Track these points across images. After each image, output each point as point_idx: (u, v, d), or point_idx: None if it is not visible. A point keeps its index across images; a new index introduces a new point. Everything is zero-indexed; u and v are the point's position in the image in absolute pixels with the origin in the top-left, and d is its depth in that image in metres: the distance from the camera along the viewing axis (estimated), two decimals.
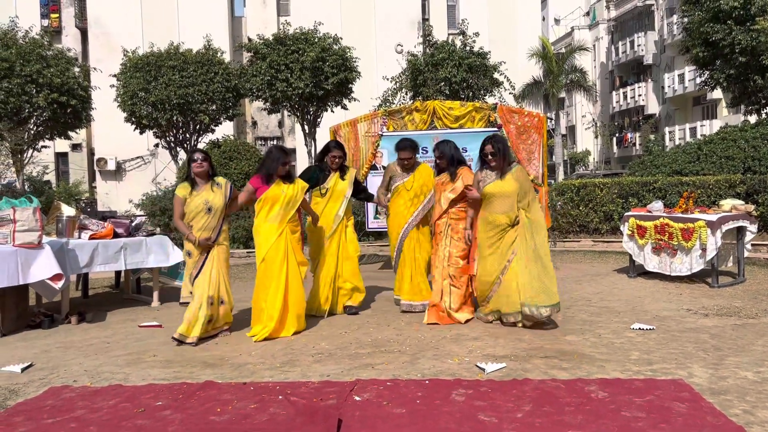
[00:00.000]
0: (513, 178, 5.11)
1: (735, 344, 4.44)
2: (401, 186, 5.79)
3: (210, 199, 5.07)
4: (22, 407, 3.48)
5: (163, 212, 12.63)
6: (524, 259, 4.97)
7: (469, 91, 15.68)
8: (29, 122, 14.81)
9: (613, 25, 36.88)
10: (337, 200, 5.75)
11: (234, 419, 3.19)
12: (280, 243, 5.03)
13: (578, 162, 35.95)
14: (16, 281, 5.29)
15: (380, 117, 9.12)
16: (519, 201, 5.07)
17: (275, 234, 5.03)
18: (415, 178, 5.76)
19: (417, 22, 27.20)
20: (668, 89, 31.29)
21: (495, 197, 5.11)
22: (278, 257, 5.01)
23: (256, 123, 28.48)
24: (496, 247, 5.12)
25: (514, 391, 3.51)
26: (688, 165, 12.97)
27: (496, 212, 5.10)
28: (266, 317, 4.99)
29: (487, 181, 5.18)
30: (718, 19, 14.27)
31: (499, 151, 5.12)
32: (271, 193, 5.05)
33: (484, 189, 5.17)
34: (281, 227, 5.05)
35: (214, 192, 5.12)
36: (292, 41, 15.13)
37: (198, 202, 5.05)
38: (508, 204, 5.07)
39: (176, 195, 5.12)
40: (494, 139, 5.24)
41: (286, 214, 5.07)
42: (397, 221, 5.83)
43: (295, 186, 5.17)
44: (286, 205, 5.06)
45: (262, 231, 5.08)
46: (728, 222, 6.96)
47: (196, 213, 5.05)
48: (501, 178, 5.12)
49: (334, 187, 5.77)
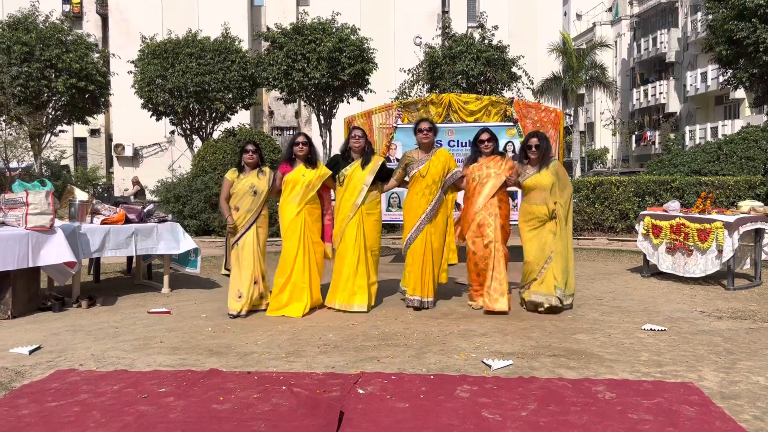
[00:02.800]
0: (551, 172, 5.45)
1: (748, 348, 4.35)
2: (417, 173, 5.63)
3: (256, 183, 5.57)
4: (27, 389, 3.49)
5: (177, 199, 12.68)
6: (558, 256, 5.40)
7: (487, 84, 15.56)
8: (48, 107, 14.96)
9: (636, 21, 36.36)
10: (355, 189, 5.59)
11: (236, 408, 3.18)
12: (297, 221, 5.50)
13: (596, 159, 35.62)
14: (26, 264, 5.33)
15: (395, 109, 9.07)
16: (557, 193, 5.44)
17: (294, 213, 5.51)
18: (432, 164, 5.61)
19: (436, 15, 27.04)
20: (690, 88, 30.81)
21: (533, 190, 5.48)
22: (294, 235, 5.48)
23: (273, 113, 28.55)
24: (537, 232, 5.49)
25: (519, 389, 3.46)
26: (707, 165, 12.78)
27: (534, 203, 5.47)
28: (274, 291, 5.50)
29: (526, 174, 5.53)
30: (742, 16, 13.99)
31: (542, 146, 5.47)
32: (292, 176, 5.57)
33: (524, 182, 5.55)
34: (299, 207, 5.51)
35: (260, 178, 5.61)
36: (309, 31, 15.10)
37: (245, 185, 5.55)
38: (544, 196, 5.43)
39: (225, 178, 5.67)
40: (539, 135, 5.60)
41: (305, 195, 5.53)
42: (413, 211, 5.64)
43: (317, 171, 5.60)
44: (305, 187, 5.53)
45: (284, 210, 5.60)
46: (746, 224, 6.83)
47: (243, 194, 5.54)
48: (539, 172, 5.46)
49: (352, 175, 5.63)
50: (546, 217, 5.42)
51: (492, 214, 5.56)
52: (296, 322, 5.20)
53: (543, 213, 5.41)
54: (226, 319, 5.30)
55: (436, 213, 5.63)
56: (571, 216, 5.61)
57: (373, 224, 5.69)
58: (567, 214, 5.50)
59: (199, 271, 7.05)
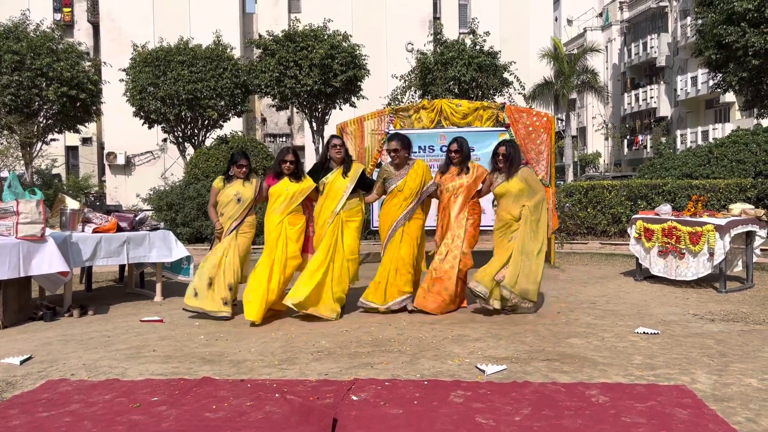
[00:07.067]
0: (519, 178, 5.60)
1: (741, 350, 4.37)
2: (395, 188, 5.80)
3: (241, 191, 5.83)
4: (18, 400, 3.46)
5: (169, 207, 12.63)
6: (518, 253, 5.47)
7: (479, 90, 15.61)
8: (39, 115, 14.89)
9: (626, 26, 36.62)
10: (336, 197, 5.64)
11: (229, 416, 3.16)
12: (277, 229, 5.66)
13: (588, 164, 35.79)
14: (18, 273, 5.29)
15: (387, 115, 9.09)
16: (528, 199, 5.54)
17: (276, 221, 5.68)
18: (407, 181, 5.75)
19: (428, 21, 27.14)
20: (681, 92, 31.03)
21: (503, 197, 5.65)
22: (270, 239, 5.65)
23: (266, 120, 28.53)
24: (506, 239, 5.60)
25: (513, 393, 3.46)
26: (698, 168, 12.86)
27: (505, 209, 5.62)
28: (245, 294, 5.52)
29: (497, 183, 5.69)
30: (731, 21, 14.08)
31: (508, 155, 5.60)
32: (276, 189, 5.76)
33: (494, 190, 5.73)
34: (281, 217, 5.68)
35: (245, 187, 5.87)
36: (301, 38, 15.12)
37: (230, 193, 5.82)
38: (514, 203, 5.57)
39: (212, 186, 5.97)
40: (509, 144, 5.78)
41: (287, 207, 5.70)
42: (388, 222, 5.80)
43: (300, 185, 5.75)
44: (288, 199, 5.69)
45: (268, 219, 5.77)
46: (737, 226, 6.86)
47: (227, 202, 5.82)
48: (508, 180, 5.61)
49: (333, 183, 5.68)
50: (514, 222, 5.54)
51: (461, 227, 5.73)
52: (289, 329, 5.19)
53: (511, 217, 5.55)
54: (219, 327, 5.28)
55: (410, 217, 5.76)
56: (544, 223, 5.60)
57: (352, 231, 5.71)
58: (537, 218, 5.53)
59: (191, 279, 7.01)
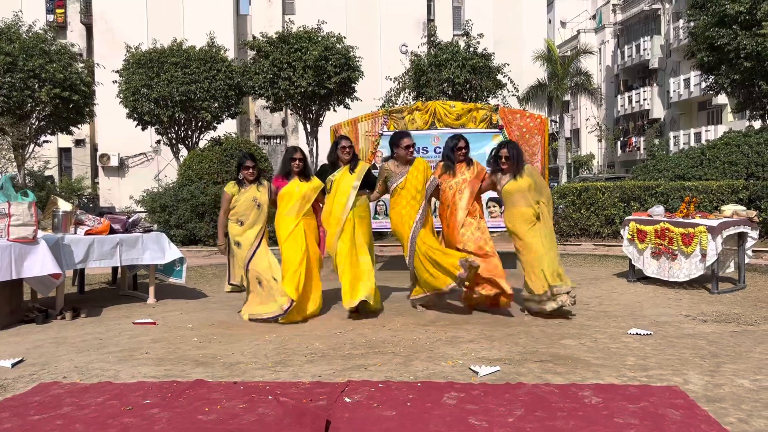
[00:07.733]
0: (527, 175, 5.59)
1: (733, 351, 4.38)
2: (397, 187, 5.75)
3: (257, 196, 5.69)
4: (9, 403, 3.44)
5: (163, 209, 12.59)
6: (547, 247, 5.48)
7: (473, 92, 15.64)
8: (31, 117, 14.82)
9: (620, 28, 36.79)
10: (345, 193, 5.62)
11: (221, 419, 3.16)
12: (297, 231, 5.55)
13: (582, 165, 35.87)
14: (9, 276, 5.26)
15: (381, 116, 9.09)
16: (538, 194, 5.55)
17: (292, 224, 5.56)
18: (408, 179, 5.72)
19: (422, 23, 27.15)
20: (673, 94, 31.18)
21: (514, 194, 5.56)
22: (296, 243, 5.50)
23: (260, 121, 28.48)
24: (536, 230, 5.50)
25: (506, 395, 3.46)
26: (691, 170, 12.90)
27: (521, 207, 5.54)
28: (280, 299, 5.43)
29: (503, 182, 5.63)
30: (723, 23, 14.18)
31: (513, 156, 5.57)
32: (286, 190, 5.64)
33: (503, 189, 5.63)
34: (297, 219, 5.58)
35: (260, 191, 5.72)
36: (295, 40, 15.11)
37: (247, 198, 5.66)
38: (527, 198, 5.54)
39: (225, 192, 5.75)
40: (510, 145, 5.71)
41: (301, 208, 5.60)
42: (401, 222, 5.70)
43: (310, 184, 5.67)
44: (301, 199, 5.59)
45: (281, 223, 5.61)
46: (729, 227, 6.90)
47: (246, 208, 5.64)
48: (515, 178, 5.56)
49: (340, 180, 5.66)
50: (534, 219, 5.52)
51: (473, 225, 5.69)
52: (283, 331, 5.17)
53: (530, 215, 5.51)
54: (212, 329, 5.26)
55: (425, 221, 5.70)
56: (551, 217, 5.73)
57: (367, 227, 5.80)
58: (549, 212, 5.64)
59: (184, 281, 7.00)
